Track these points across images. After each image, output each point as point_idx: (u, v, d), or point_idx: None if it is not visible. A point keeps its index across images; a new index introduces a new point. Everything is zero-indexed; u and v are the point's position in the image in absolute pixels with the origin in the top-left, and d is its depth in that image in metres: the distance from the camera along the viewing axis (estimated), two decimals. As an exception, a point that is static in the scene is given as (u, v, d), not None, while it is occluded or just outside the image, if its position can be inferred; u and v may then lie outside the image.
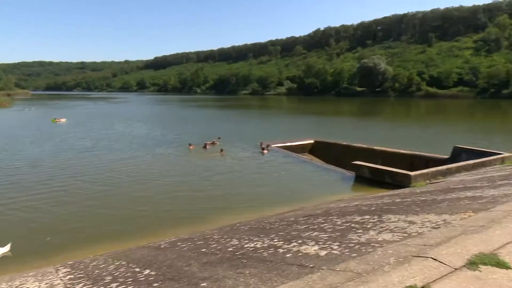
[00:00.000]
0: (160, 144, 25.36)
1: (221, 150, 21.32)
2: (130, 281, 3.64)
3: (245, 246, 4.58)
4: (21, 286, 4.40)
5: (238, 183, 14.82)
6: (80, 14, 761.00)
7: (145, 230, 9.77)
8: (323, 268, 3.01)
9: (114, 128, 36.39)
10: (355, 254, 3.32)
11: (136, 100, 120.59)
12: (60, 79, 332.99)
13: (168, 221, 10.56)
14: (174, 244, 5.92)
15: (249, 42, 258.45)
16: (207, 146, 23.32)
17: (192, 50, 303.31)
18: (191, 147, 23.15)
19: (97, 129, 34.97)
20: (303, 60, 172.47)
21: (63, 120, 43.48)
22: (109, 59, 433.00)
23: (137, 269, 4.19)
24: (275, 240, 4.61)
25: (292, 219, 6.66)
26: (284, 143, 22.32)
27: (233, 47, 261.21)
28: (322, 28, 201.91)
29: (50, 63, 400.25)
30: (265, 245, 4.43)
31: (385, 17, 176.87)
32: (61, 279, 4.41)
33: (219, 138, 25.34)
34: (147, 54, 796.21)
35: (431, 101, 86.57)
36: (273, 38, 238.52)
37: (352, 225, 4.94)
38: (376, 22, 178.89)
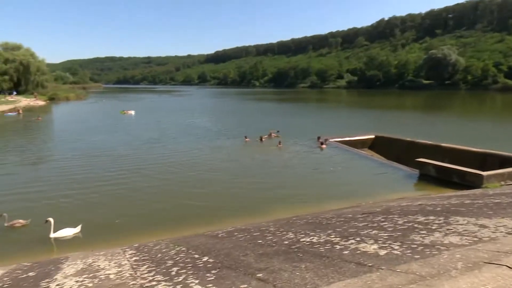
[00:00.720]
0: (218, 136, 26.06)
1: (279, 143, 21.36)
2: (190, 266, 3.80)
3: (301, 240, 4.56)
4: (93, 264, 4.79)
5: (294, 177, 14.77)
6: (146, 12, 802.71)
7: (202, 219, 10.13)
8: (383, 268, 2.90)
9: (176, 120, 38.04)
10: (418, 256, 3.15)
11: (197, 93, 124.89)
12: (128, 73, 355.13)
13: (225, 211, 10.86)
14: (231, 234, 6.06)
15: (308, 35, 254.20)
16: (263, 139, 23.49)
17: (252, 44, 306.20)
18: (246, 140, 23.48)
19: (162, 121, 36.79)
20: (365, 52, 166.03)
21: (131, 112, 46.35)
22: (173, 54, 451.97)
23: (196, 256, 4.36)
24: (332, 236, 4.53)
25: (350, 215, 6.50)
26: (343, 137, 21.76)
27: (293, 40, 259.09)
28: (386, 18, 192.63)
29: (120, 58, 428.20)
30: (321, 240, 4.37)
31: (457, 4, 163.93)
32: (128, 260, 4.73)
33: (278, 131, 25.35)
34: (208, 48, 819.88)
35: (509, 94, 78.86)
36: (334, 30, 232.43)
37: (415, 225, 4.69)
38: (447, 9, 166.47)
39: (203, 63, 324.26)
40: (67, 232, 9.03)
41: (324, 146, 20.52)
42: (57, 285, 3.77)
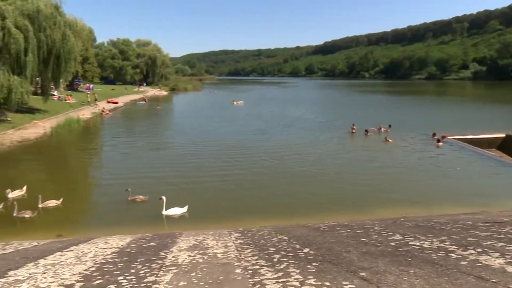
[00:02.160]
0: (324, 128, 25.74)
1: (386, 138, 20.15)
2: (291, 255, 3.85)
3: (410, 243, 4.24)
4: (203, 241, 5.22)
5: (403, 175, 13.79)
6: (257, 5, 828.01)
7: (304, 211, 10.20)
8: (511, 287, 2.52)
9: (283, 111, 38.73)
10: (559, 279, 2.66)
11: (304, 85, 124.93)
12: (239, 65, 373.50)
13: (327, 205, 10.73)
14: (333, 228, 5.96)
15: (428, 21, 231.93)
16: (369, 133, 22.44)
17: (363, 33, 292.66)
18: (354, 128, 22.80)
19: (269, 112, 37.88)
20: (498, 38, 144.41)
21: (240, 102, 48.74)
22: (281, 46, 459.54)
23: (298, 246, 4.40)
24: (447, 243, 4.10)
25: (470, 223, 5.80)
26: (464, 135, 19.50)
27: (409, 27, 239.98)
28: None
29: (232, 51, 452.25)
30: (433, 246, 4.01)
31: None
32: (233, 242, 5.02)
33: (389, 126, 23.87)
34: (317, 39, 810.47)
35: None
36: (459, 14, 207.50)
37: (556, 242, 3.95)
38: None
39: (311, 55, 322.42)
40: (176, 211, 10.06)
41: (440, 143, 18.67)
42: (173, 256, 4.21)
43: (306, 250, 4.12)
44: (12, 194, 10.80)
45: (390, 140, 19.86)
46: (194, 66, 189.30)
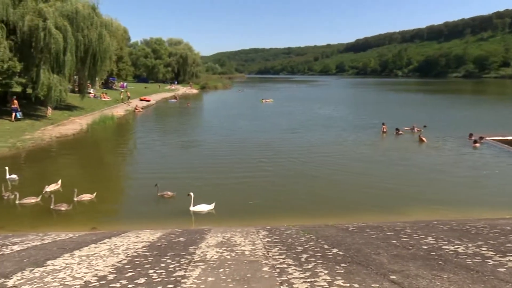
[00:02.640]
0: (353, 127, 25.30)
1: (420, 139, 19.51)
2: (319, 255, 3.81)
3: (443, 247, 4.09)
4: (231, 238, 5.27)
5: (437, 177, 13.32)
6: (286, 4, 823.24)
7: (332, 210, 10.08)
8: (554, 297, 2.38)
9: (312, 109, 38.38)
10: None
11: (334, 83, 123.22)
12: (269, 64, 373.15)
13: (355, 205, 10.56)
14: (362, 229, 5.85)
15: (466, 16, 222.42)
16: (400, 132, 21.84)
17: (396, 30, 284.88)
18: (384, 128, 22.28)
19: (298, 110, 37.65)
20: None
21: (270, 100, 48.71)
22: (312, 44, 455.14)
23: (326, 246, 4.35)
24: (483, 249, 3.93)
25: (508, 228, 5.52)
26: (504, 136, 18.57)
27: (446, 24, 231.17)
28: None
29: (262, 50, 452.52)
30: (469, 251, 3.84)
31: None
32: (261, 240, 5.03)
33: (424, 126, 23.05)
34: (348, 37, 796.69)
35: None
36: (501, 9, 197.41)
37: None
38: None
39: (342, 52, 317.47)
40: (203, 207, 10.20)
41: (477, 144, 17.90)
42: (202, 252, 4.27)
43: (335, 250, 4.07)
44: (49, 188, 11.31)
45: (424, 140, 19.22)
46: (224, 65, 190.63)
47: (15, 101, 22.91)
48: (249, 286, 2.87)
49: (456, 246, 4.09)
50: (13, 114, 22.34)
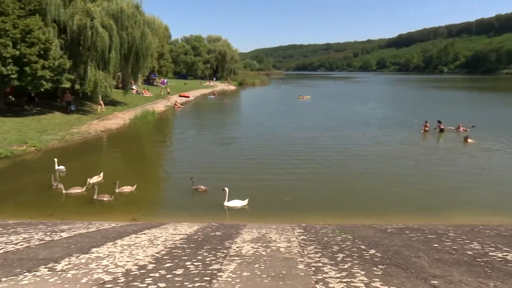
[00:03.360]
0: (394, 125, 24.52)
1: (466, 139, 18.53)
2: (355, 256, 3.74)
3: (490, 254, 3.88)
4: (266, 234, 5.28)
5: (484, 180, 12.62)
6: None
7: (370, 210, 9.83)
8: None
9: (351, 107, 37.57)
10: None
11: (374, 80, 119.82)
12: (307, 60, 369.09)
13: (394, 206, 10.25)
14: (401, 231, 5.67)
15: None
16: (442, 127, 20.93)
17: (442, 24, 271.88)
18: (426, 126, 21.38)
19: (336, 108, 37.01)
20: None
21: (307, 97, 48.23)
22: (351, 40, 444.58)
23: (363, 247, 4.25)
24: (535, 257, 3.68)
25: None
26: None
27: (497, 16, 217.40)
28: None
29: (301, 46, 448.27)
30: (519, 259, 3.62)
31: None
32: (296, 237, 5.01)
33: (473, 126, 21.87)
34: (390, 32, 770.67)
35: None
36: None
37: None
38: None
39: (383, 48, 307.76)
40: (237, 203, 10.29)
41: (531, 146, 16.74)
42: (237, 247, 4.32)
43: (372, 251, 3.97)
44: (92, 180, 11.89)
45: (470, 141, 18.25)
46: (262, 61, 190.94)
47: (70, 95, 25.28)
48: (284, 283, 2.87)
49: (505, 253, 3.86)
50: (68, 107, 24.46)
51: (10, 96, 24.09)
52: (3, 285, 2.88)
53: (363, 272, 3.09)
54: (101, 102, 26.79)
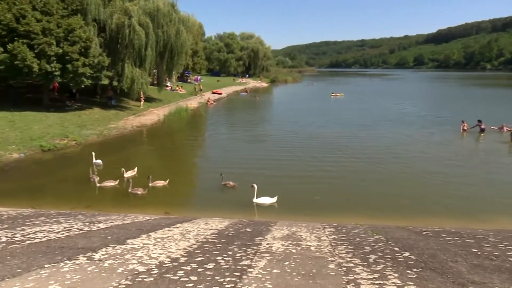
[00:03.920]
0: (430, 125, 23.67)
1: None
2: (388, 258, 3.65)
3: (535, 261, 3.66)
4: (296, 233, 5.26)
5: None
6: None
7: (404, 212, 9.55)
8: None
9: (386, 105, 36.58)
10: None
11: (411, 77, 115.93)
12: (341, 57, 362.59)
13: (430, 208, 9.90)
14: (437, 234, 5.47)
15: None
16: (483, 126, 19.92)
17: (486, 18, 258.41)
18: (464, 126, 20.43)
19: (370, 105, 36.14)
20: None
21: (340, 94, 47.41)
22: (387, 36, 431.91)
23: (396, 249, 4.14)
24: None
25: None
26: None
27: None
28: None
29: (334, 43, 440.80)
30: None
31: None
32: (327, 237, 4.95)
33: None
34: (429, 27, 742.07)
35: None
36: None
37: None
38: None
39: (421, 44, 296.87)
40: (266, 200, 10.26)
41: None
42: (267, 244, 4.33)
43: (406, 254, 3.85)
44: (126, 174, 12.28)
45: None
46: (295, 58, 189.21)
47: (111, 91, 26.81)
48: (314, 282, 2.84)
49: (551, 262, 3.63)
50: (109, 102, 25.96)
51: (56, 93, 25.41)
52: (46, 271, 3.05)
53: (396, 275, 3.01)
54: (143, 98, 27.88)
